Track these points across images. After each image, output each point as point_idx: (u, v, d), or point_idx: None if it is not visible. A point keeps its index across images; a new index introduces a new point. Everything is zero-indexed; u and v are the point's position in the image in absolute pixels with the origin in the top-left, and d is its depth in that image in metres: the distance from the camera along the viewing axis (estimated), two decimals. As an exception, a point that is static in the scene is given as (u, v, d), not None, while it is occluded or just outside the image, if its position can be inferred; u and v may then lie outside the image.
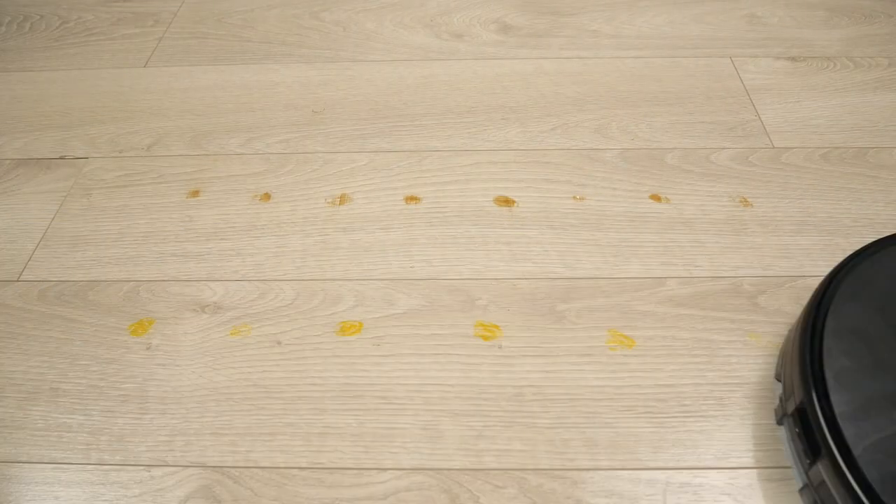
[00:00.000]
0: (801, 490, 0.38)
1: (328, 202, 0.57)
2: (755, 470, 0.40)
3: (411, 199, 0.57)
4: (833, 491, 0.33)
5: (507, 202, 0.56)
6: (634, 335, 0.47)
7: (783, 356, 0.41)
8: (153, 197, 0.58)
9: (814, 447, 0.35)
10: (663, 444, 0.41)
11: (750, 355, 0.45)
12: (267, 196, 0.58)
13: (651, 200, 0.56)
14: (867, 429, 0.33)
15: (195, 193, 0.58)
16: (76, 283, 0.51)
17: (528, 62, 0.71)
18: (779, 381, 0.41)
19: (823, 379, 0.35)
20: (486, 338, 0.47)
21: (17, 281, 0.52)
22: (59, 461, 0.42)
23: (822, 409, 0.34)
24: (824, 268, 0.50)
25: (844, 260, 0.41)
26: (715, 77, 0.68)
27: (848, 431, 0.33)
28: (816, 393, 0.35)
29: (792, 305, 0.48)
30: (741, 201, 0.55)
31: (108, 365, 0.46)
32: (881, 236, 0.52)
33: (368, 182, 0.58)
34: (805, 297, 0.48)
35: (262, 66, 0.72)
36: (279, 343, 0.47)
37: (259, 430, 0.43)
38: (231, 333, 0.48)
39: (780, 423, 0.40)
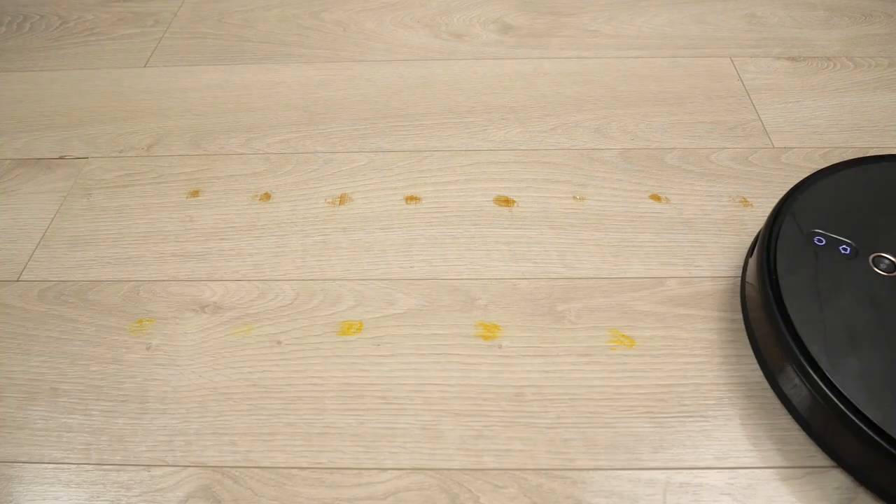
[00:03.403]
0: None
1: (328, 202, 0.57)
2: (755, 470, 0.40)
3: (411, 199, 0.57)
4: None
5: (507, 202, 0.56)
6: (634, 335, 0.47)
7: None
8: (153, 197, 0.58)
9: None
10: (663, 444, 0.41)
11: (750, 355, 0.45)
12: (267, 196, 0.58)
13: (651, 200, 0.56)
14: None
15: (195, 193, 0.58)
16: (76, 283, 0.51)
17: (528, 62, 0.71)
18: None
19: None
20: (486, 338, 0.47)
21: (17, 281, 0.52)
22: (59, 461, 0.42)
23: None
24: (824, 268, 0.50)
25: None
26: (715, 77, 0.68)
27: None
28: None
29: (792, 305, 0.48)
30: (741, 201, 0.55)
31: (108, 365, 0.46)
32: (881, 236, 0.52)
33: (368, 182, 0.58)
34: (805, 297, 0.48)
35: (262, 66, 0.72)
36: (279, 343, 0.47)
37: (259, 430, 0.43)
38: (231, 333, 0.48)
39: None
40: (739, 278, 0.47)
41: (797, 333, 0.37)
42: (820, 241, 0.40)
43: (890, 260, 0.39)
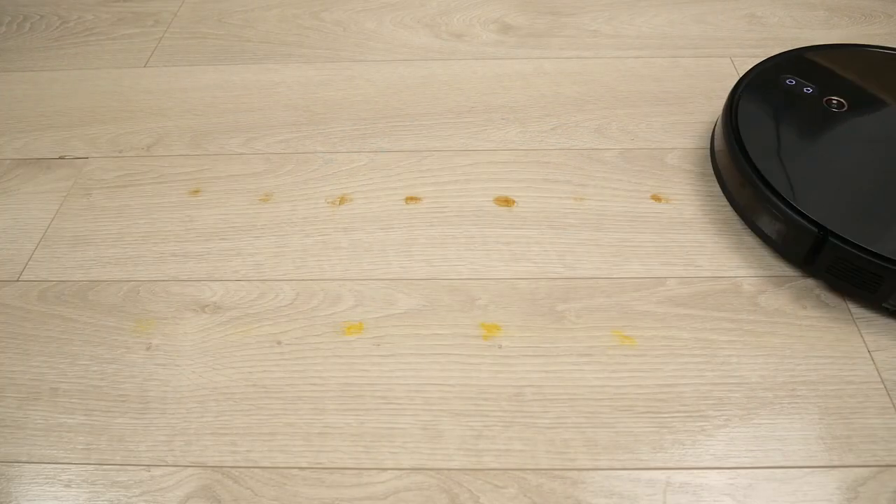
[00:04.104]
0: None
1: (328, 202, 0.57)
2: (755, 470, 0.40)
3: (411, 199, 0.57)
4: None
5: (506, 202, 0.56)
6: (634, 335, 0.47)
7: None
8: (153, 197, 0.58)
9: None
10: (663, 443, 0.41)
11: (750, 355, 0.45)
12: (267, 196, 0.58)
13: (651, 200, 0.56)
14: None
15: (195, 193, 0.58)
16: (76, 283, 0.51)
17: (528, 62, 0.71)
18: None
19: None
20: (485, 338, 0.47)
21: (17, 281, 0.52)
22: (59, 461, 0.42)
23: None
24: (824, 268, 0.50)
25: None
26: (715, 77, 0.68)
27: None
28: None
29: (792, 305, 0.48)
30: (741, 201, 0.55)
31: (108, 365, 0.46)
32: (881, 236, 0.52)
33: (368, 182, 0.58)
34: (805, 297, 0.48)
35: (262, 66, 0.72)
36: (279, 343, 0.47)
37: (259, 430, 0.43)
38: (231, 333, 0.48)
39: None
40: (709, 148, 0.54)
41: (743, 142, 0.50)
42: (790, 82, 0.54)
43: (840, 101, 0.52)
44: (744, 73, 0.52)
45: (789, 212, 0.46)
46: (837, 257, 0.45)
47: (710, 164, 0.58)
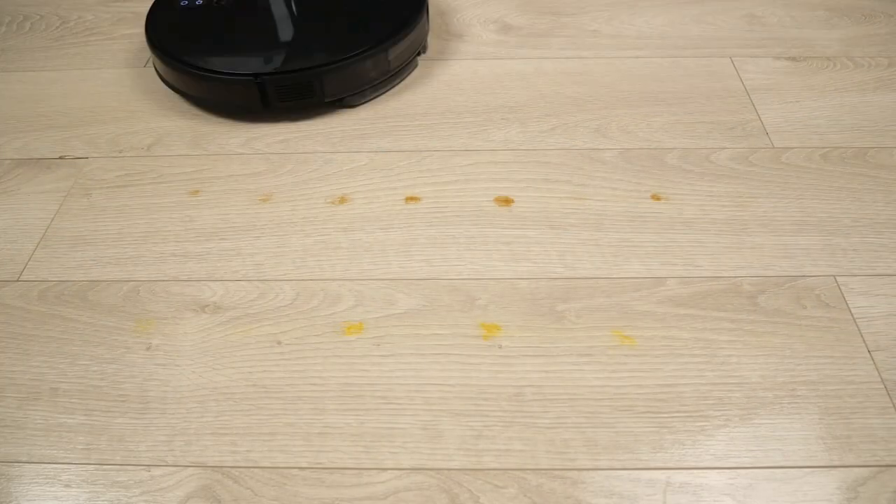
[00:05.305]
0: None
1: (328, 202, 0.57)
2: (755, 470, 0.40)
3: (411, 198, 0.57)
4: None
5: (506, 202, 0.56)
6: (634, 335, 0.47)
7: None
8: (153, 197, 0.58)
9: None
10: (663, 443, 0.41)
11: (750, 355, 0.45)
12: (267, 196, 0.58)
13: (651, 200, 0.56)
14: None
15: (195, 193, 0.58)
16: (76, 283, 0.51)
17: (528, 62, 0.71)
18: None
19: None
20: (486, 338, 0.47)
21: (17, 281, 0.52)
22: (59, 461, 0.42)
23: None
24: (824, 268, 0.50)
25: None
26: (715, 77, 0.68)
27: None
28: None
29: (792, 305, 0.48)
30: (741, 201, 0.55)
31: (108, 365, 0.46)
32: (881, 236, 0.52)
33: (368, 182, 0.58)
34: (805, 297, 0.48)
35: (262, 66, 0.72)
36: (279, 343, 0.47)
37: (259, 430, 0.43)
38: (231, 333, 0.48)
39: None
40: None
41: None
42: (184, 3, 0.69)
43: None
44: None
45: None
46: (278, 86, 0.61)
47: (709, 163, 0.58)
